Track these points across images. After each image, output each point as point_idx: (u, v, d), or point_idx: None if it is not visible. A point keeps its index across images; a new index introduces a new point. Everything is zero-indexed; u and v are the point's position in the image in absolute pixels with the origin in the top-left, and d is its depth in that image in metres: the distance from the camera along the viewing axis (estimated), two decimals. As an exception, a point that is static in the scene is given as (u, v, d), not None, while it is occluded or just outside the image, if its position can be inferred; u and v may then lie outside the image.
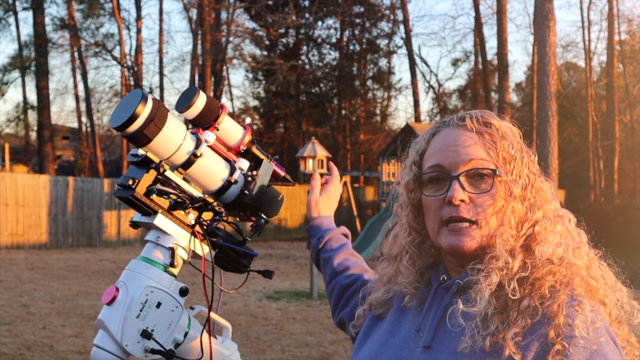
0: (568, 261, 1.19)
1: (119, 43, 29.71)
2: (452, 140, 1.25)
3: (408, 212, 1.31)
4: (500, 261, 1.16)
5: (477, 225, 1.19)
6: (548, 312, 1.10)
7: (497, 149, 1.22)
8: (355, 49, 33.30)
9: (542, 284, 1.14)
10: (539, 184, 1.26)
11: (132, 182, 1.35)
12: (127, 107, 1.32)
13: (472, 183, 1.21)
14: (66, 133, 38.65)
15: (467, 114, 1.28)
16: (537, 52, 18.14)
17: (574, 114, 31.67)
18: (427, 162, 1.27)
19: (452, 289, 1.23)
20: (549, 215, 1.23)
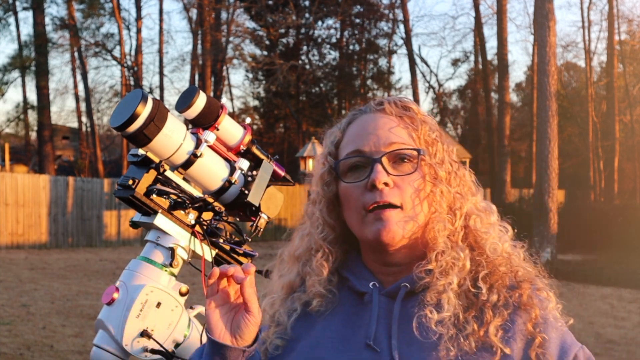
0: (512, 253, 1.17)
1: (119, 43, 29.72)
2: (372, 125, 1.17)
3: (322, 207, 1.20)
4: (447, 256, 1.10)
5: (401, 209, 1.11)
6: (519, 303, 1.10)
7: (418, 132, 1.16)
8: (355, 49, 33.30)
9: (501, 277, 1.11)
10: (462, 173, 1.19)
11: (132, 182, 1.35)
12: (127, 107, 1.32)
13: (395, 167, 1.14)
14: (66, 133, 38.65)
15: (385, 99, 1.21)
16: (537, 52, 18.14)
17: (574, 114, 31.66)
18: (345, 150, 1.18)
19: (400, 294, 1.12)
20: (477, 206, 1.18)
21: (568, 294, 12.04)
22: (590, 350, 1.18)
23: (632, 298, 11.76)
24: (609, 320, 9.57)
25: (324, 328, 1.15)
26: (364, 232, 1.13)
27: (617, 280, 13.57)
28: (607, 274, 14.39)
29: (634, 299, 11.68)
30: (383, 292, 1.14)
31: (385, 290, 1.14)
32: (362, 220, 1.13)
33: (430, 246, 1.12)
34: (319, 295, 1.17)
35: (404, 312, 1.11)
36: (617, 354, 7.57)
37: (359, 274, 1.18)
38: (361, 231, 1.14)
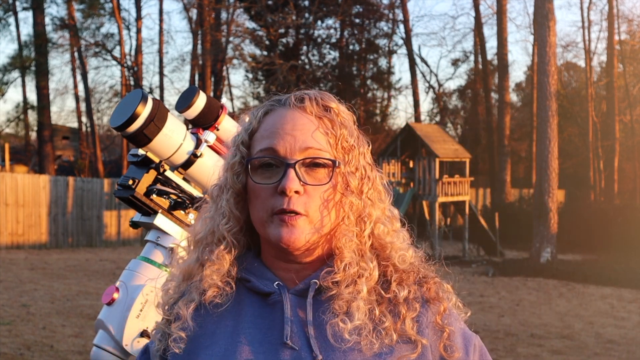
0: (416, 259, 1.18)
1: (119, 43, 29.70)
2: (290, 124, 1.12)
3: (229, 197, 1.15)
4: (355, 267, 1.09)
5: (307, 217, 1.09)
6: (428, 297, 1.12)
7: (336, 137, 1.13)
8: (355, 49, 33.29)
9: (407, 276, 1.13)
10: (374, 176, 1.17)
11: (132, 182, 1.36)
12: (127, 107, 1.32)
13: (309, 172, 1.10)
14: (66, 133, 38.64)
15: (306, 95, 1.15)
16: (537, 52, 18.15)
17: (574, 114, 31.65)
18: (259, 144, 1.13)
19: (309, 291, 1.10)
20: (385, 213, 1.17)
21: (568, 294, 12.03)
22: (590, 350, 1.19)
23: (632, 298, 11.76)
24: (609, 320, 9.57)
25: (228, 333, 1.10)
26: (267, 232, 1.10)
27: (617, 280, 13.57)
28: (607, 274, 14.39)
29: (634, 299, 11.68)
30: (292, 291, 1.11)
31: (294, 289, 1.11)
32: (266, 220, 1.10)
33: (337, 257, 1.10)
34: (215, 287, 1.12)
35: (315, 310, 1.09)
36: (617, 354, 7.56)
37: (259, 274, 1.14)
38: (264, 231, 1.11)
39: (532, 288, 12.68)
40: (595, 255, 18.60)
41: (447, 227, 20.01)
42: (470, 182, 19.95)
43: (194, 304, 1.12)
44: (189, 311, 1.11)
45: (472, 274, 14.57)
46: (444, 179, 18.23)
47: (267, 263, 1.15)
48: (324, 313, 1.08)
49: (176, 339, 1.10)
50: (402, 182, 19.17)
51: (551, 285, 13.10)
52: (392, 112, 38.47)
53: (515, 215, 22.41)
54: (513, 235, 21.14)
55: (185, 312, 1.11)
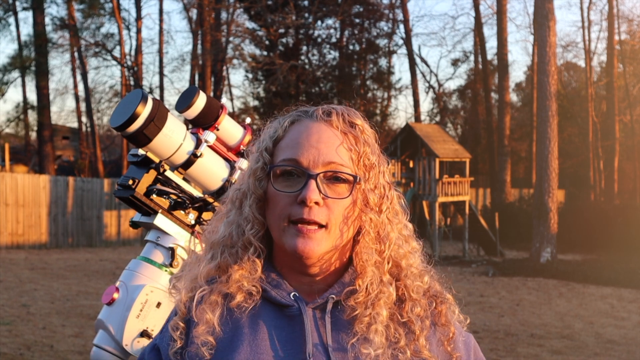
0: (431, 280, 1.20)
1: (119, 43, 29.70)
2: (315, 136, 1.13)
3: (252, 203, 1.15)
4: (375, 288, 1.11)
5: (326, 229, 1.10)
6: (438, 321, 1.16)
7: (359, 154, 1.14)
8: (355, 49, 33.28)
9: (420, 300, 1.15)
10: (392, 195, 1.18)
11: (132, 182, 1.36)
12: (127, 107, 1.32)
13: (329, 186, 1.11)
14: (66, 133, 38.64)
15: (334, 109, 1.18)
16: (537, 52, 18.15)
17: (574, 114, 31.65)
18: (283, 153, 1.14)
19: (328, 308, 1.12)
20: (402, 232, 1.19)
21: (568, 294, 12.03)
22: (590, 350, 1.19)
23: (632, 298, 11.75)
24: (609, 320, 9.57)
25: (247, 342, 1.09)
26: (282, 240, 1.11)
27: (617, 280, 13.57)
28: (607, 274, 14.38)
29: (634, 299, 11.68)
30: (311, 305, 1.12)
31: (312, 303, 1.12)
32: (283, 229, 1.10)
33: (358, 274, 1.12)
34: (244, 292, 1.12)
35: (334, 326, 1.11)
36: (617, 354, 7.56)
37: (275, 284, 1.14)
38: (280, 238, 1.11)
39: (532, 288, 12.67)
40: (595, 255, 18.59)
41: (447, 227, 20.01)
42: (470, 182, 19.94)
43: (219, 308, 1.12)
44: (216, 315, 1.11)
45: (472, 274, 14.56)
46: (444, 179, 18.23)
47: (281, 272, 1.15)
48: (344, 332, 1.10)
49: (205, 343, 1.09)
50: (402, 182, 19.17)
51: (551, 285, 13.09)
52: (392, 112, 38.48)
53: (515, 215, 22.41)
54: (513, 235, 21.13)
55: (212, 316, 1.10)
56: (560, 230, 17.42)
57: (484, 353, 1.26)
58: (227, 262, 1.14)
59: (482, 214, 22.72)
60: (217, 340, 1.09)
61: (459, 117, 38.97)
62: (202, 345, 1.08)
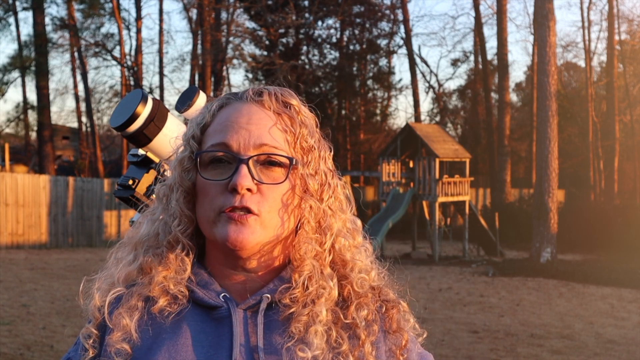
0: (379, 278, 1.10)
1: (119, 43, 29.73)
2: (245, 118, 1.03)
3: (179, 196, 1.05)
4: (314, 283, 1.01)
5: (259, 218, 0.99)
6: (389, 327, 1.06)
7: (295, 136, 1.04)
8: (356, 49, 33.30)
9: (367, 298, 1.05)
10: (335, 184, 1.08)
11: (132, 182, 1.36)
12: (127, 107, 1.32)
13: (263, 171, 1.02)
14: (66, 133, 38.67)
15: (265, 89, 1.08)
16: (537, 52, 18.15)
17: (574, 114, 31.67)
18: (211, 139, 1.04)
19: (260, 308, 1.01)
20: (347, 224, 1.09)
21: (568, 294, 12.03)
22: (590, 350, 1.18)
23: (632, 298, 11.76)
24: (609, 320, 9.57)
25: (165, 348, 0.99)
26: (212, 232, 1.00)
27: (617, 280, 13.57)
28: (607, 274, 14.39)
29: (634, 299, 11.68)
30: (241, 306, 1.01)
31: (244, 304, 1.01)
32: (213, 220, 1.00)
33: (295, 268, 1.02)
34: (167, 295, 1.02)
35: (266, 329, 1.00)
36: (617, 354, 7.56)
37: (203, 283, 1.03)
38: (210, 230, 1.01)
39: (532, 288, 12.68)
40: (595, 255, 18.60)
41: (447, 227, 20.02)
42: (470, 182, 19.95)
43: (138, 312, 1.02)
44: (134, 321, 1.01)
45: (472, 274, 14.57)
46: (444, 179, 18.24)
47: (212, 271, 1.05)
48: (278, 334, 0.99)
49: (119, 352, 0.99)
50: (402, 182, 19.19)
51: (551, 285, 13.10)
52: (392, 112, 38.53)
53: (515, 215, 22.42)
54: (513, 235, 21.15)
55: (129, 321, 1.00)
56: (560, 230, 17.43)
57: (484, 353, 1.21)
58: (150, 263, 1.05)
59: (482, 214, 22.73)
60: (134, 349, 0.99)
61: (459, 117, 38.99)
62: (116, 355, 0.98)
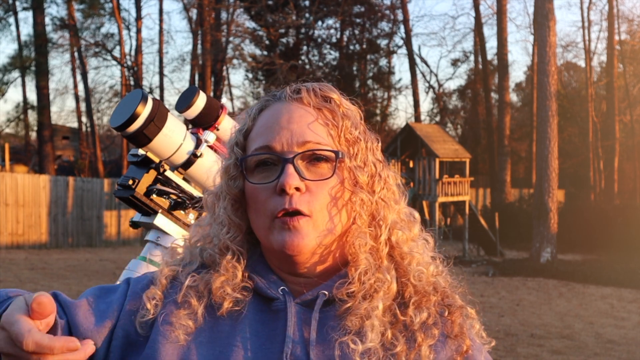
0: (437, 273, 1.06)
1: (119, 43, 29.72)
2: (285, 117, 1.02)
3: (227, 204, 1.04)
4: (371, 276, 0.98)
5: (312, 219, 0.98)
6: (450, 331, 1.01)
7: (338, 129, 1.02)
8: (356, 49, 33.30)
9: (429, 300, 1.02)
10: (386, 175, 1.06)
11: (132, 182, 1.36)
12: (127, 107, 1.32)
13: (310, 168, 1.00)
14: (66, 133, 38.67)
15: (304, 86, 1.06)
16: (537, 52, 18.14)
17: (574, 114, 31.66)
18: (254, 143, 1.03)
19: (317, 304, 1.00)
20: (401, 216, 1.06)
21: (568, 294, 12.03)
22: (590, 350, 1.16)
23: (632, 298, 11.75)
24: (609, 320, 9.57)
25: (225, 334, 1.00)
26: (269, 240, 0.99)
27: (617, 280, 13.57)
28: (607, 274, 14.39)
29: (634, 299, 11.68)
30: (297, 300, 1.00)
31: (300, 298, 1.00)
32: (268, 227, 0.99)
33: (351, 263, 1.00)
34: (229, 299, 1.00)
35: (321, 325, 0.98)
36: (617, 354, 7.56)
37: (265, 275, 1.03)
38: (266, 238, 1.00)
39: (532, 288, 12.68)
40: (595, 255, 18.59)
41: (447, 227, 20.02)
42: (470, 182, 19.95)
43: (205, 298, 1.01)
44: (201, 307, 1.01)
45: (472, 274, 14.57)
46: (444, 179, 18.24)
47: (276, 269, 1.04)
48: (333, 330, 0.97)
49: (182, 327, 0.99)
50: (402, 182, 19.18)
51: (551, 285, 13.09)
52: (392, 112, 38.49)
53: (515, 215, 22.41)
54: (513, 235, 21.14)
55: (197, 304, 1.01)
56: (560, 230, 17.43)
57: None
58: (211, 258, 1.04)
59: (482, 214, 22.72)
60: (196, 328, 1.00)
61: (459, 117, 38.99)
62: (178, 328, 0.98)
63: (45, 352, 0.83)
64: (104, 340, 1.00)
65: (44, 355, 0.83)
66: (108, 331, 1.01)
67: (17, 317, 0.85)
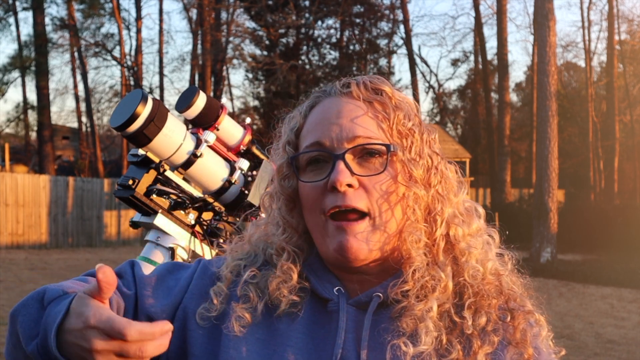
0: (500, 273, 1.02)
1: (119, 43, 29.72)
2: (335, 112, 1.00)
3: (281, 205, 1.03)
4: (425, 275, 0.94)
5: (369, 218, 0.95)
6: (512, 338, 0.96)
7: (390, 121, 0.99)
8: (355, 49, 33.30)
9: (489, 300, 0.97)
10: (443, 168, 1.02)
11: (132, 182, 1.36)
12: (127, 107, 1.31)
13: (361, 163, 0.97)
14: (66, 133, 38.66)
15: (353, 80, 1.06)
16: (537, 52, 18.14)
17: (574, 114, 31.65)
18: (305, 141, 1.01)
19: (371, 306, 0.97)
20: (460, 210, 1.01)
21: (568, 294, 12.03)
22: (590, 350, 1.14)
23: (632, 298, 11.75)
24: (609, 320, 9.56)
25: (280, 332, 1.00)
26: (324, 243, 0.98)
27: (617, 280, 13.57)
28: (607, 274, 14.38)
29: (634, 299, 11.68)
30: (351, 302, 0.98)
31: (353, 300, 0.98)
32: (322, 227, 0.97)
33: (404, 261, 0.97)
34: (287, 301, 1.00)
35: (374, 327, 0.96)
36: (617, 354, 7.56)
37: (322, 275, 1.01)
38: (322, 241, 0.98)
39: (532, 288, 12.68)
40: (595, 255, 18.58)
41: (447, 227, 20.01)
42: (470, 182, 19.94)
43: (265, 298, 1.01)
44: (261, 303, 1.00)
45: (472, 274, 14.57)
46: (444, 179, 18.23)
47: (336, 271, 1.02)
48: (386, 332, 0.94)
49: (239, 318, 0.99)
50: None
51: (551, 285, 13.09)
52: (392, 112, 38.51)
53: (515, 215, 22.41)
54: (513, 235, 21.10)
55: (257, 299, 1.00)
56: (560, 230, 17.42)
57: None
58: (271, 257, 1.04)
59: (482, 214, 22.70)
60: (253, 322, 0.99)
61: (459, 117, 38.99)
62: (236, 320, 0.98)
63: (147, 339, 0.82)
64: (166, 318, 1.01)
65: (145, 342, 0.82)
66: (171, 310, 1.02)
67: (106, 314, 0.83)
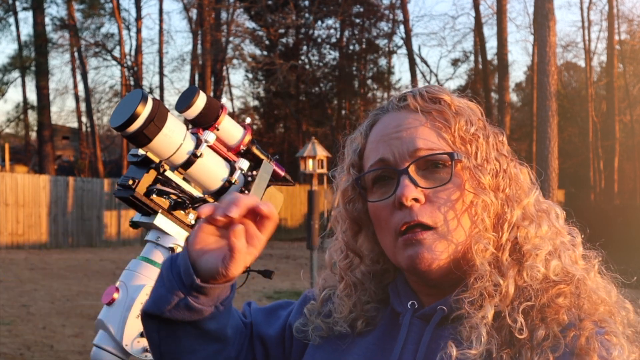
0: (571, 275, 0.95)
1: (119, 43, 29.72)
2: (393, 127, 0.98)
3: (346, 228, 1.03)
4: (486, 282, 0.91)
5: (437, 230, 0.93)
6: (574, 346, 0.87)
7: (451, 129, 0.97)
8: (355, 49, 33.31)
9: (556, 310, 0.90)
10: (513, 170, 1.00)
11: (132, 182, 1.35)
12: (127, 107, 1.31)
13: (427, 176, 0.95)
14: (66, 133, 38.67)
15: (409, 92, 1.02)
16: (537, 52, 18.15)
17: (574, 114, 31.67)
18: (368, 161, 1.00)
19: (434, 319, 0.96)
20: (530, 211, 0.97)
21: (568, 294, 12.06)
22: None
23: (632, 298, 11.76)
24: (609, 320, 9.58)
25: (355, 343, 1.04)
26: (397, 259, 0.97)
27: (617, 281, 13.59)
28: (607, 274, 14.40)
29: (634, 299, 11.69)
30: (417, 315, 0.98)
31: (419, 313, 0.98)
32: (393, 245, 0.96)
33: (470, 270, 0.94)
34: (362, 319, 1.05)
35: (435, 339, 0.94)
36: (617, 354, 7.56)
37: (402, 291, 1.02)
38: (394, 257, 0.97)
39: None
40: (595, 255, 18.60)
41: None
42: (470, 182, 19.96)
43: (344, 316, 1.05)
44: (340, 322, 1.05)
45: (472, 274, 14.58)
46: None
47: (410, 283, 1.02)
48: (445, 341, 0.92)
49: (317, 328, 1.06)
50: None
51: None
52: (392, 112, 38.51)
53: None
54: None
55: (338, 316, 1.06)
56: (560, 230, 17.44)
57: None
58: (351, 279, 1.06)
59: (482, 214, 22.72)
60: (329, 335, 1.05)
61: (459, 117, 39.03)
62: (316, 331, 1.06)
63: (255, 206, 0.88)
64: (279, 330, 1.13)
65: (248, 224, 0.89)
66: (280, 331, 1.13)
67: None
